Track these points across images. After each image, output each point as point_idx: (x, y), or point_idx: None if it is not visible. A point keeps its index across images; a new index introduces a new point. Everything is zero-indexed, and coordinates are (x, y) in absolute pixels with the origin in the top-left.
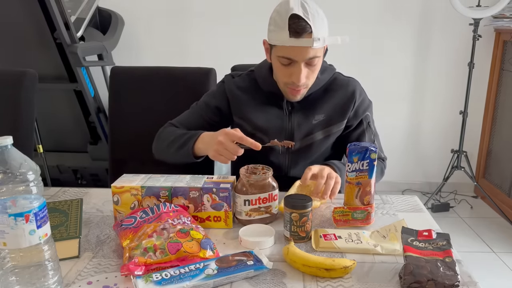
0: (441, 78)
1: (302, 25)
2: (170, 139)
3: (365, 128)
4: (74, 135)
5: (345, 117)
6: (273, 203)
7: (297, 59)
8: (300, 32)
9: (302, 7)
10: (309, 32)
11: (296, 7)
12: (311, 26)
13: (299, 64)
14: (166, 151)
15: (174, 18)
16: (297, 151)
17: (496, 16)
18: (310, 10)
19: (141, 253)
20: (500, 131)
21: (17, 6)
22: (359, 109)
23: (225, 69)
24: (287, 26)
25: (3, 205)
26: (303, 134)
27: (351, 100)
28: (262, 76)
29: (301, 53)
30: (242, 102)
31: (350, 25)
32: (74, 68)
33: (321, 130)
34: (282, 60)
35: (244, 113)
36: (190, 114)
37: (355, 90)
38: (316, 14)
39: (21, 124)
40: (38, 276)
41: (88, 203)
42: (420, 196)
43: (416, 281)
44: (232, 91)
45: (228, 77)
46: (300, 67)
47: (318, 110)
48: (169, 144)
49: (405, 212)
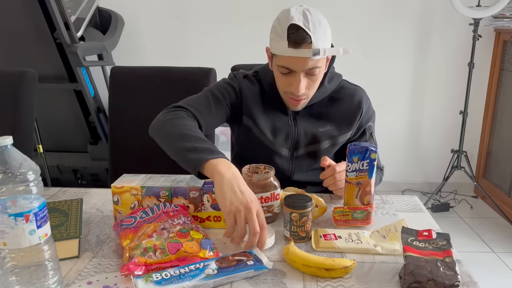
0: (441, 78)
1: (301, 35)
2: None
3: (368, 138)
4: (74, 135)
5: (352, 128)
6: (275, 202)
7: (296, 69)
8: (299, 42)
9: (303, 16)
10: (308, 42)
11: (296, 16)
12: (311, 36)
13: (298, 74)
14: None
15: (174, 18)
16: (301, 157)
17: (496, 16)
18: (311, 19)
19: (141, 253)
20: (500, 131)
21: (17, 6)
22: (363, 119)
23: (225, 69)
24: (286, 36)
25: (3, 205)
26: (309, 141)
27: (358, 110)
28: (268, 81)
29: (300, 64)
30: (253, 102)
31: (350, 25)
32: (74, 68)
33: (328, 139)
34: (281, 70)
35: (254, 114)
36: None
37: (361, 100)
38: (318, 24)
39: (21, 124)
40: (38, 276)
41: (88, 203)
42: (420, 196)
43: (416, 281)
44: (244, 90)
45: (239, 75)
46: (299, 77)
47: (324, 118)
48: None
49: (405, 212)
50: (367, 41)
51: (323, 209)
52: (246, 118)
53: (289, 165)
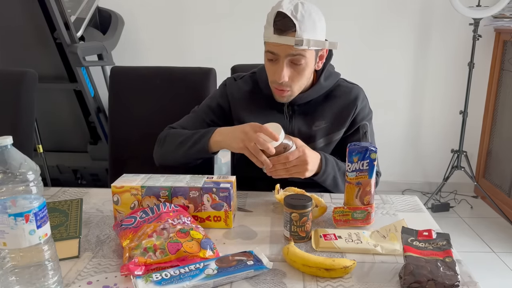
0: (441, 78)
1: (286, 24)
2: (179, 139)
3: (361, 137)
4: (74, 135)
5: (345, 124)
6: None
7: (280, 54)
8: (283, 29)
9: (294, 6)
10: (292, 31)
11: (286, 5)
12: (295, 25)
13: (281, 61)
14: (174, 152)
15: (174, 18)
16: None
17: (496, 16)
18: (301, 10)
19: (141, 253)
20: (500, 131)
21: (17, 6)
22: (357, 116)
23: (225, 69)
24: (273, 22)
25: (3, 205)
26: (304, 140)
27: (352, 107)
28: (264, 80)
29: (283, 49)
30: (243, 105)
31: (350, 25)
32: (74, 68)
33: (322, 137)
34: (268, 55)
35: (244, 116)
36: (191, 117)
37: (357, 97)
38: (307, 16)
39: (21, 124)
40: (38, 276)
41: (88, 203)
42: (420, 196)
43: (416, 281)
44: (233, 94)
45: (231, 80)
46: (282, 64)
47: (319, 116)
48: (179, 144)
49: (405, 212)
50: (367, 41)
51: (323, 209)
52: (236, 121)
53: None
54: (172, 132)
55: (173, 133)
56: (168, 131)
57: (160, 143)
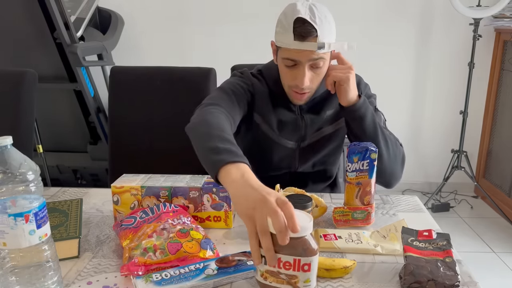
0: (441, 78)
1: (307, 29)
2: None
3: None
4: (74, 135)
5: None
6: (301, 274)
7: (301, 60)
8: (305, 35)
9: (310, 10)
10: (314, 36)
11: (303, 10)
12: (317, 30)
13: (303, 66)
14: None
15: (174, 18)
16: (307, 148)
17: (496, 16)
18: (318, 14)
19: (141, 253)
20: (500, 131)
21: (17, 6)
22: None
23: (225, 69)
24: (292, 29)
25: (3, 205)
26: (315, 129)
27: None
28: (272, 78)
29: (305, 55)
30: (263, 99)
31: (351, 25)
32: (74, 68)
33: (330, 124)
34: (286, 62)
35: (263, 110)
36: (226, 98)
37: (359, 82)
38: (324, 18)
39: (21, 124)
40: (38, 276)
41: (88, 203)
42: (420, 196)
43: (416, 281)
44: (255, 88)
45: (247, 72)
46: (304, 70)
47: (328, 105)
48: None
49: (405, 212)
50: (367, 41)
51: (323, 209)
52: (256, 115)
53: (296, 157)
54: (205, 121)
55: (205, 123)
56: (203, 118)
57: (197, 123)
